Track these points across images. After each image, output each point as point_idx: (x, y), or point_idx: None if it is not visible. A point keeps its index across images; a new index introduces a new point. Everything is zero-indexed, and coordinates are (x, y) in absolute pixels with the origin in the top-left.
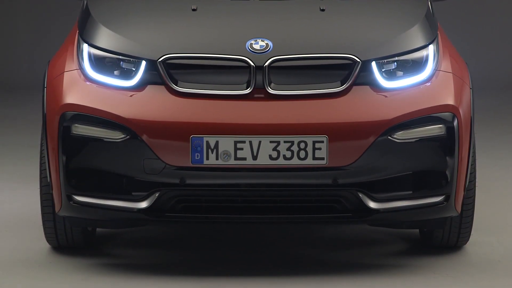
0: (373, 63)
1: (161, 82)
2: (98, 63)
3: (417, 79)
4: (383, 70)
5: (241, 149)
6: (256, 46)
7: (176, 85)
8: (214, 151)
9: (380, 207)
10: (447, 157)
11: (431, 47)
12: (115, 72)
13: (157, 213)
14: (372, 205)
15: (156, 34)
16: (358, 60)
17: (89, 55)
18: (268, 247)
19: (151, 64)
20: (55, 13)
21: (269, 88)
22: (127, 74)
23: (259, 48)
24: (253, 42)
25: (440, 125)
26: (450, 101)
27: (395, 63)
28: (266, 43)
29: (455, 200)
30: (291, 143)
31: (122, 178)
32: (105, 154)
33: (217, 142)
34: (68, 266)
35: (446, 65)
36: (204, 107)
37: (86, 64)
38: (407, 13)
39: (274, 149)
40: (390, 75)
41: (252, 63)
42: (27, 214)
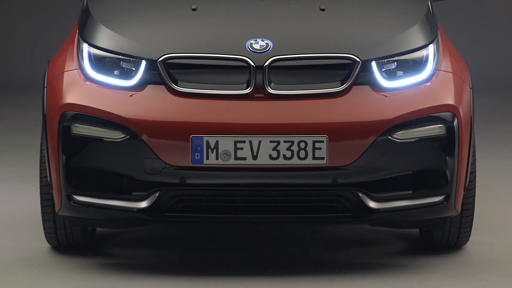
0: (373, 63)
1: (161, 82)
2: (98, 63)
3: (417, 79)
4: (383, 70)
5: (241, 149)
6: (256, 46)
7: (176, 85)
8: (214, 151)
9: (380, 207)
10: (447, 157)
11: (431, 47)
12: (115, 72)
13: (157, 213)
14: (372, 205)
15: (156, 34)
16: (358, 60)
17: (89, 55)
18: (268, 247)
19: (151, 64)
20: (55, 13)
21: (269, 88)
22: (127, 74)
23: (259, 48)
24: (253, 42)
25: (440, 125)
26: (450, 101)
27: (395, 63)
28: (266, 43)
29: (455, 200)
30: (291, 143)
31: (122, 178)
32: (105, 154)
33: (217, 142)
34: (68, 266)
35: (446, 65)
36: (204, 107)
37: (86, 64)
38: (407, 13)
39: (274, 149)
40: (390, 75)
41: (252, 63)
42: (27, 214)
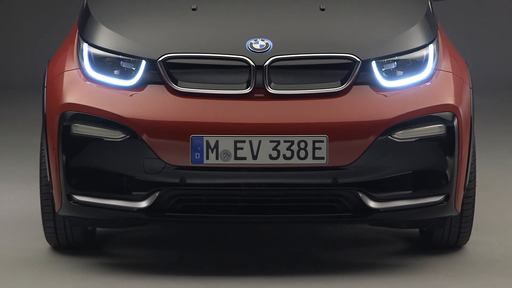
0: (373, 63)
1: (161, 82)
2: (98, 63)
3: (417, 79)
4: (383, 70)
5: (241, 149)
6: (256, 46)
7: (176, 85)
8: (214, 151)
9: (380, 207)
10: (447, 157)
11: (431, 47)
12: (115, 72)
13: (157, 213)
14: (372, 205)
15: (156, 34)
16: (358, 60)
17: (89, 55)
18: (268, 247)
19: (151, 64)
20: (55, 13)
21: (269, 88)
22: (127, 74)
23: (259, 48)
24: (253, 42)
25: (440, 125)
26: (450, 101)
27: (395, 63)
28: (266, 43)
29: (455, 200)
30: (291, 143)
31: (122, 178)
32: (105, 154)
33: (217, 142)
34: (68, 266)
35: (446, 65)
36: (204, 107)
37: (86, 64)
38: (407, 13)
39: (274, 149)
40: (390, 75)
41: (252, 63)
42: (27, 214)
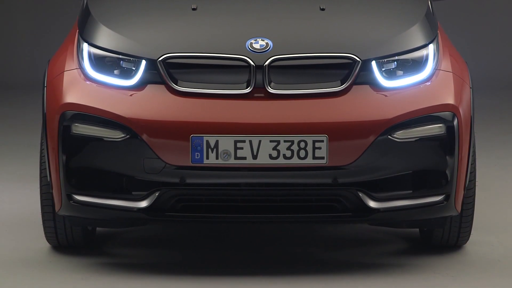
0: (373, 63)
1: (161, 82)
2: (98, 63)
3: (417, 79)
4: (383, 70)
5: (241, 149)
6: (256, 46)
7: (176, 85)
8: (214, 151)
9: (380, 207)
10: (447, 157)
11: (431, 47)
12: (115, 72)
13: (157, 213)
14: (372, 205)
15: (156, 34)
16: (358, 60)
17: (89, 55)
18: (268, 247)
19: (151, 64)
20: (55, 13)
21: (269, 88)
22: (127, 74)
23: (259, 48)
24: (253, 42)
25: (440, 125)
26: (450, 101)
27: (395, 63)
28: (266, 43)
29: (455, 200)
30: (291, 143)
31: (122, 178)
32: (105, 154)
33: (217, 142)
34: (68, 266)
35: (446, 65)
36: (204, 107)
37: (86, 64)
38: (407, 13)
39: (274, 149)
40: (390, 75)
41: (252, 63)
42: (27, 214)
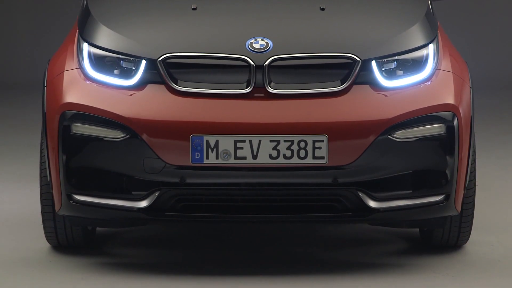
0: (373, 62)
1: (161, 81)
2: (98, 62)
3: (417, 78)
4: (383, 69)
5: (241, 148)
6: (256, 45)
7: (176, 84)
8: (214, 150)
9: (380, 206)
10: (447, 156)
11: (431, 46)
12: (115, 71)
13: (157, 212)
14: (372, 204)
15: (156, 33)
16: (358, 59)
17: (89, 54)
18: (268, 246)
19: (151, 63)
20: (55, 13)
21: (269, 87)
22: (127, 73)
23: (259, 47)
24: (253, 41)
25: (440, 124)
26: (450, 100)
27: (395, 62)
28: (266, 42)
29: (455, 199)
30: (291, 142)
31: (122, 177)
32: (105, 153)
33: (217, 141)
34: (68, 265)
35: (446, 64)
36: (204, 106)
37: (86, 63)
38: (407, 12)
39: (274, 148)
40: (390, 74)
41: (252, 62)
42: (27, 214)
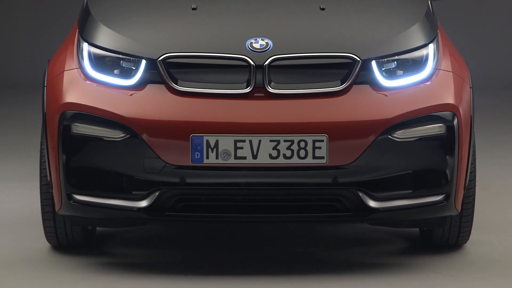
0: (373, 62)
1: (161, 81)
2: (98, 62)
3: (417, 78)
4: (383, 69)
5: (241, 148)
6: (256, 45)
7: (176, 84)
8: (214, 150)
9: (380, 206)
10: (447, 156)
11: (431, 46)
12: (115, 71)
13: (157, 212)
14: (372, 204)
15: (156, 33)
16: (358, 59)
17: (89, 54)
18: (268, 246)
19: (151, 63)
20: (55, 13)
21: (269, 87)
22: (127, 73)
23: (259, 47)
24: (253, 41)
25: (440, 124)
26: (450, 100)
27: (395, 62)
28: (266, 42)
29: (455, 199)
30: (291, 142)
31: (122, 177)
32: (105, 153)
33: (217, 141)
34: (68, 265)
35: (446, 64)
36: (204, 106)
37: (86, 63)
38: (407, 12)
39: (274, 148)
40: (390, 74)
41: (252, 62)
42: (27, 214)
